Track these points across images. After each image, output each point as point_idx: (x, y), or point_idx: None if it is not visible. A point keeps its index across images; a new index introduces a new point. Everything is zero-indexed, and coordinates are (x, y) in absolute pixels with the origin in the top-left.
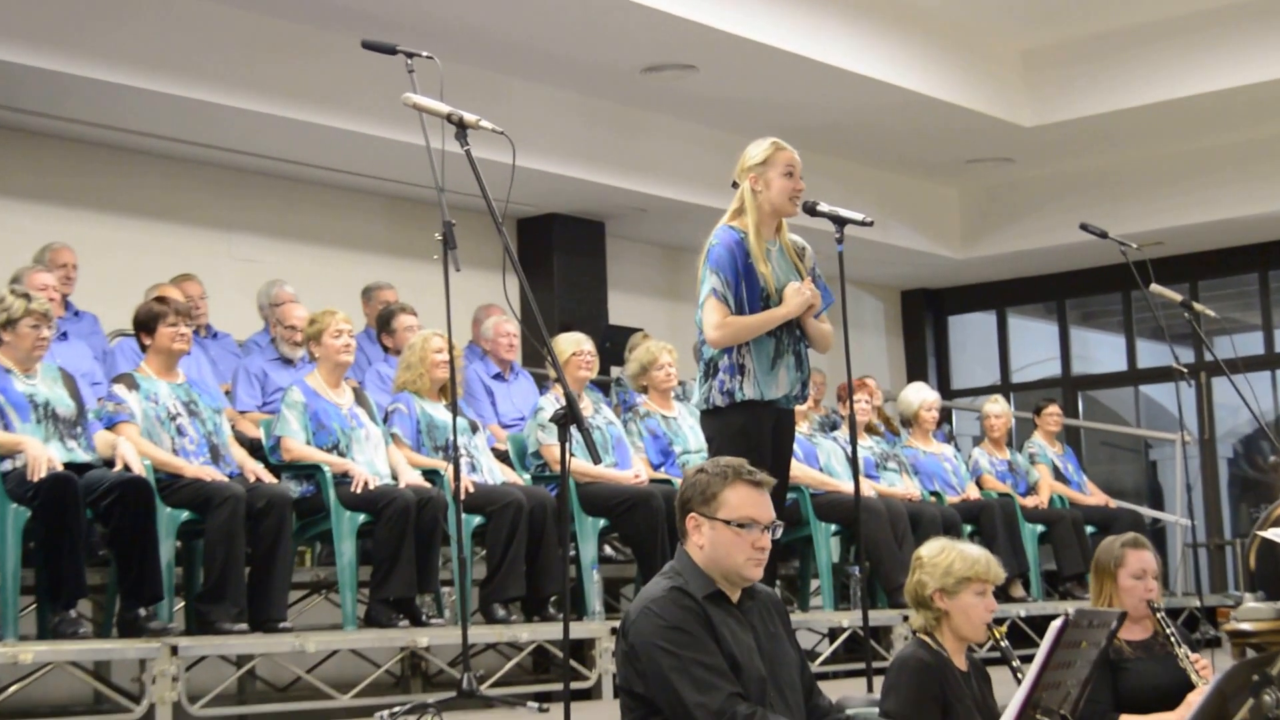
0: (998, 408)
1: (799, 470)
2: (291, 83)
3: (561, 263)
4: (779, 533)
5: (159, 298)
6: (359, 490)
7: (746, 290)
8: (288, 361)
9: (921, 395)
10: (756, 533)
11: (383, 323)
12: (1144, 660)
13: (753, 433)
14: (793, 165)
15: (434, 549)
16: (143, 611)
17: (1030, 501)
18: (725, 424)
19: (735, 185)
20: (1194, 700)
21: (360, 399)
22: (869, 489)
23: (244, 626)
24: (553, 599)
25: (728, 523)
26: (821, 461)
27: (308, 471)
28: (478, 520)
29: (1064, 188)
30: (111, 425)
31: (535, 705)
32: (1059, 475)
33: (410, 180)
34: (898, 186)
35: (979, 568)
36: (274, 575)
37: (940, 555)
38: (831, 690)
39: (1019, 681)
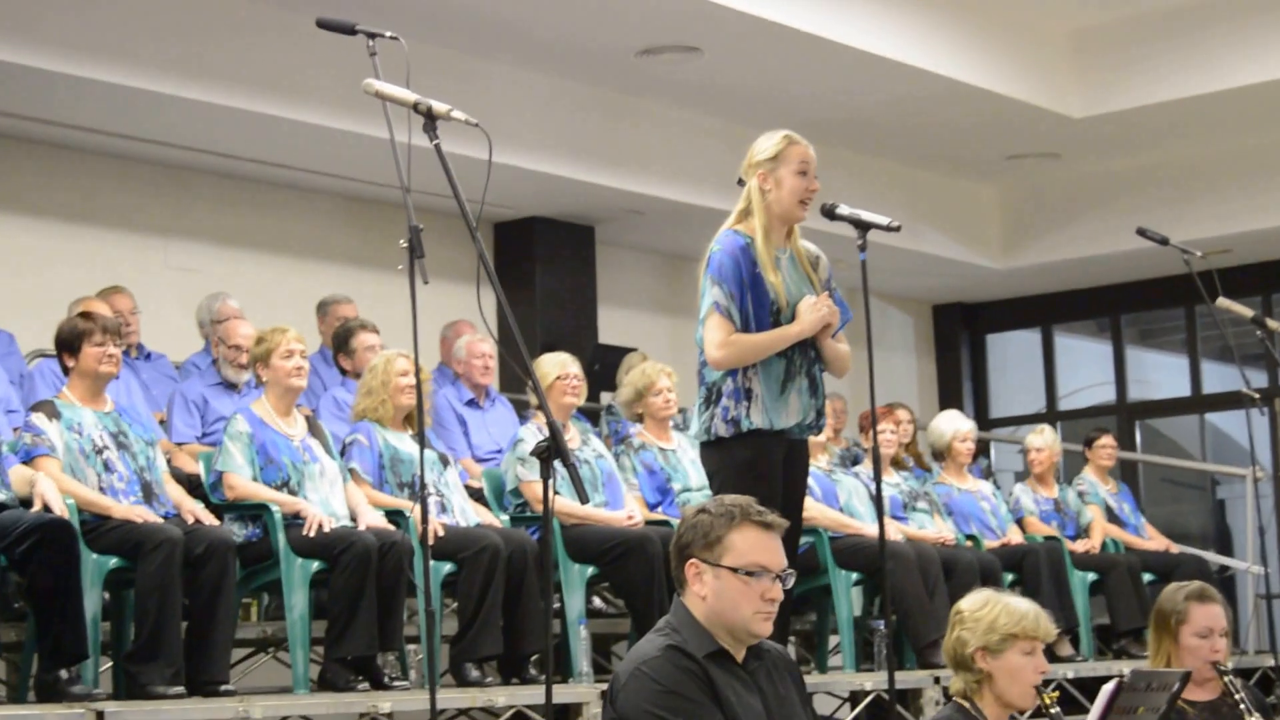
0: (1043, 439)
1: (815, 510)
2: (235, 66)
3: (545, 273)
4: (791, 582)
5: (84, 313)
6: (312, 533)
7: (754, 303)
8: (231, 386)
9: (954, 425)
10: (766, 582)
11: (340, 342)
12: None
13: (761, 467)
14: (807, 162)
15: (398, 601)
16: (64, 673)
17: (1080, 546)
18: (729, 457)
19: (741, 183)
20: None
21: (314, 429)
22: (896, 532)
23: (180, 690)
24: (534, 658)
25: (734, 570)
26: (841, 500)
27: (254, 512)
28: (448, 568)
29: (1118, 188)
30: (29, 459)
31: None
32: (1113, 516)
33: (372, 179)
34: (928, 186)
35: (1027, 623)
36: (215, 631)
37: (983, 609)
38: None
39: None
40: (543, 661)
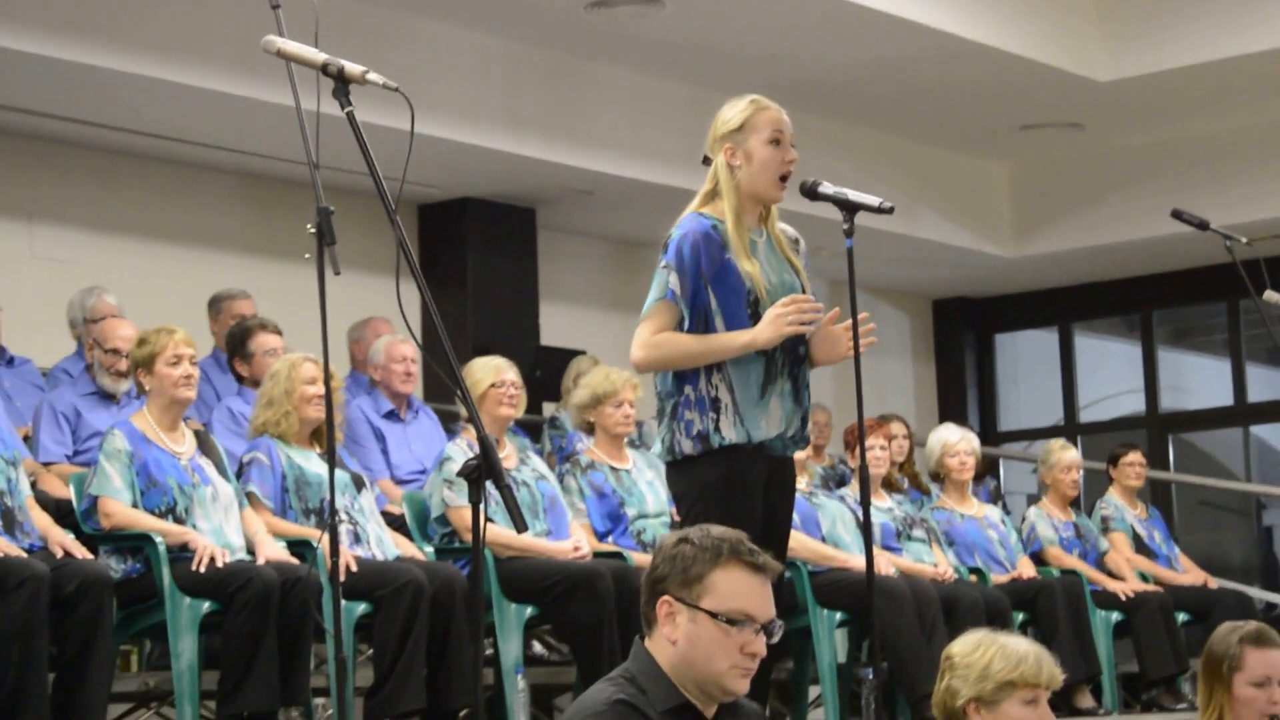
0: (1065, 457)
1: (793, 540)
2: (110, 20)
3: (477, 263)
4: (777, 635)
5: None
6: (203, 568)
7: (724, 295)
8: (109, 396)
9: (944, 437)
10: (749, 633)
11: (236, 344)
12: None
13: (737, 489)
14: (781, 129)
15: (303, 647)
16: None
17: (1115, 586)
18: (699, 479)
19: (708, 162)
20: None
21: (205, 446)
22: (887, 565)
23: None
24: (463, 714)
25: (713, 615)
26: (824, 528)
27: (134, 544)
28: (362, 608)
29: (1150, 163)
30: None
31: None
32: (1141, 545)
33: (274, 153)
34: (927, 161)
35: (1026, 669)
36: (88, 683)
37: (975, 654)
38: None
39: None
40: (473, 717)
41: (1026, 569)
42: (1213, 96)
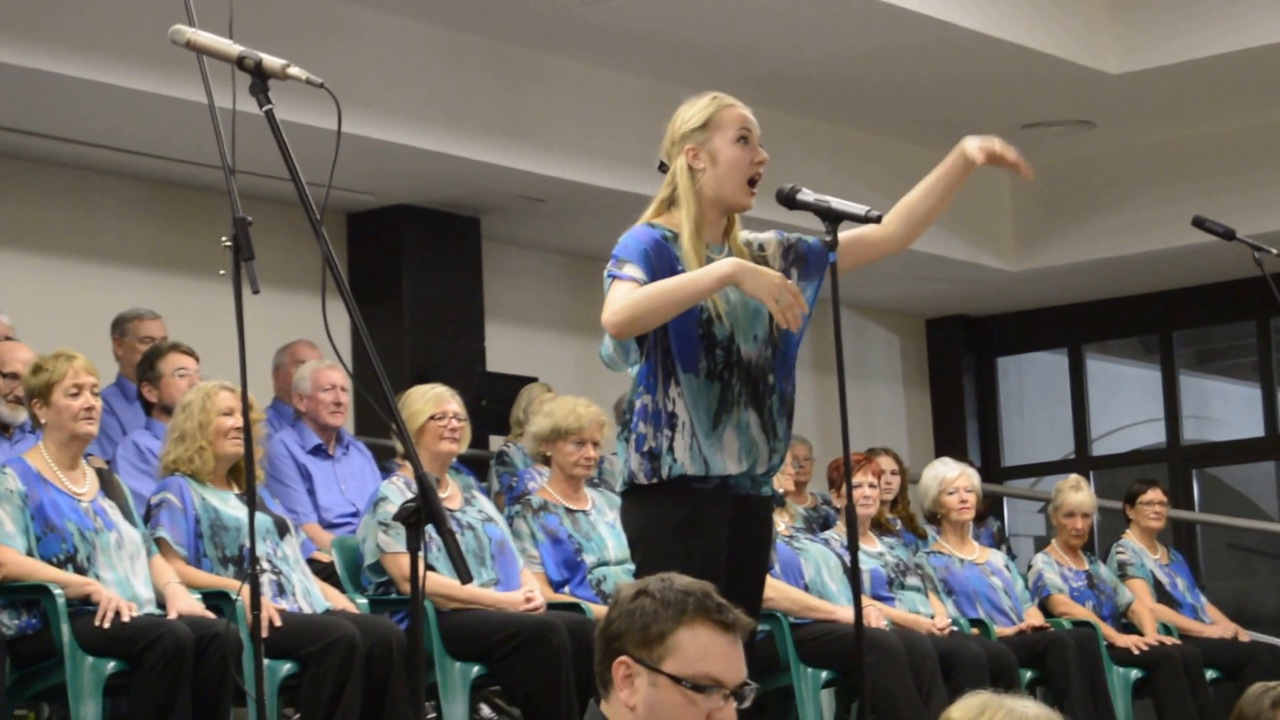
0: (1076, 496)
1: (773, 589)
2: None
3: (415, 279)
4: (749, 700)
5: None
6: (107, 624)
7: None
8: (1, 429)
9: (940, 474)
10: (716, 699)
11: (144, 370)
12: None
13: (697, 533)
14: (748, 126)
15: (221, 712)
16: None
17: (1130, 641)
18: (653, 517)
19: (663, 168)
20: None
21: (109, 487)
22: (878, 616)
23: None
24: None
25: (678, 681)
26: (807, 576)
27: (29, 596)
28: (288, 668)
29: (1168, 165)
30: None
31: None
32: (1163, 594)
33: (184, 156)
34: (920, 164)
35: None
36: None
37: (981, 718)
38: None
39: None
40: None
41: (1035, 619)
42: (1237, 91)
